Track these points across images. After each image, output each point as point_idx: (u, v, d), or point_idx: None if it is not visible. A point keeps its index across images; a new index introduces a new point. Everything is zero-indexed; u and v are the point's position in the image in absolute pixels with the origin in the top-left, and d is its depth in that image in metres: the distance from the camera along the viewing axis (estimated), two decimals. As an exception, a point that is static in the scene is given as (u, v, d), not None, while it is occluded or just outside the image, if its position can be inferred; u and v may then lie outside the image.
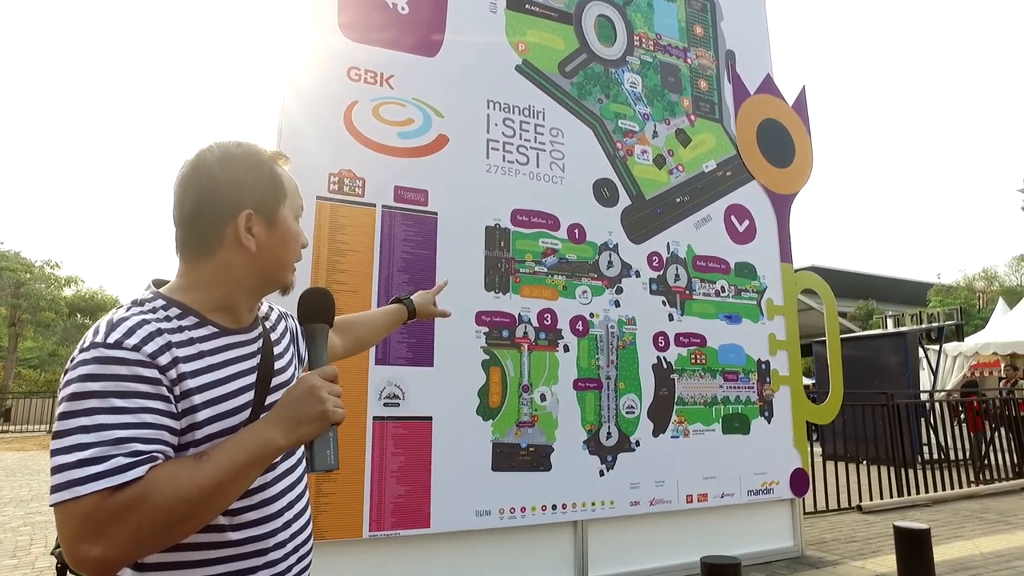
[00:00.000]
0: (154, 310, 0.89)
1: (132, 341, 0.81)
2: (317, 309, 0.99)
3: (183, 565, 0.84)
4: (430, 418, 3.26)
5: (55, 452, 0.76)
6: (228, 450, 0.81)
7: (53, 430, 0.78)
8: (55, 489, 0.74)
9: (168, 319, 0.88)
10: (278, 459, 0.97)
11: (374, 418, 3.14)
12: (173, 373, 0.83)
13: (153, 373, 0.81)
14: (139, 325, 0.84)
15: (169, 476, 0.76)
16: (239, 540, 0.88)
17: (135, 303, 0.90)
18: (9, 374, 23.69)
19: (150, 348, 0.82)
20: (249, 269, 0.95)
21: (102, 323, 0.85)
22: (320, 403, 0.85)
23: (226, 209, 0.93)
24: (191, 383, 0.85)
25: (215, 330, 0.93)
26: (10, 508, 6.70)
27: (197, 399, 0.85)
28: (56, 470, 0.74)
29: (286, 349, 1.08)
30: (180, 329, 0.88)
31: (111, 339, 0.81)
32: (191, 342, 0.88)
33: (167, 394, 0.82)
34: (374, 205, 3.33)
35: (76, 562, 0.73)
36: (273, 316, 1.11)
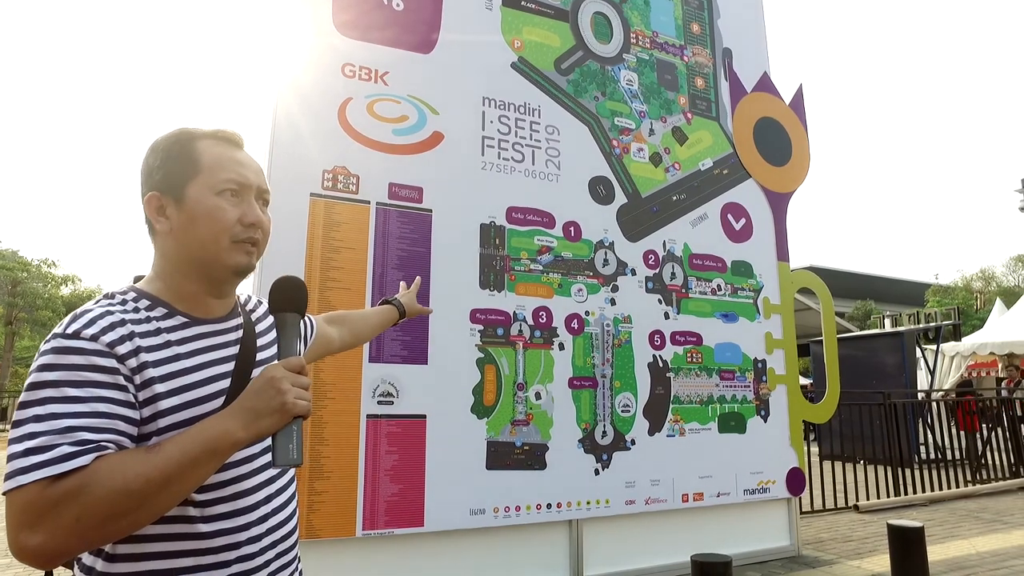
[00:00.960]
0: (123, 302, 0.89)
1: (91, 331, 0.81)
2: (287, 298, 0.96)
3: (153, 556, 0.83)
4: (424, 416, 3.24)
5: (10, 442, 0.75)
6: (181, 442, 0.78)
7: (12, 420, 0.77)
8: (5, 478, 0.73)
9: (136, 311, 0.89)
10: (256, 452, 0.95)
11: (368, 416, 3.12)
12: (133, 362, 0.83)
13: (110, 362, 0.80)
14: (101, 316, 0.84)
15: (115, 466, 0.74)
16: (210, 532, 0.86)
17: (106, 296, 0.91)
18: (5, 373, 23.64)
19: (108, 338, 0.82)
20: (178, 252, 0.93)
21: (68, 317, 0.85)
22: (280, 395, 0.82)
23: (142, 195, 0.95)
24: (154, 372, 0.84)
25: (184, 320, 0.93)
26: (2, 507, 6.67)
27: (160, 388, 0.84)
28: (8, 459, 0.74)
29: (274, 341, 1.07)
30: (148, 320, 0.89)
31: (70, 330, 0.81)
32: (158, 332, 0.88)
33: (124, 383, 0.81)
34: (368, 202, 3.31)
35: (16, 551, 0.71)
36: (260, 311, 1.10)
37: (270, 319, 1.11)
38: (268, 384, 0.83)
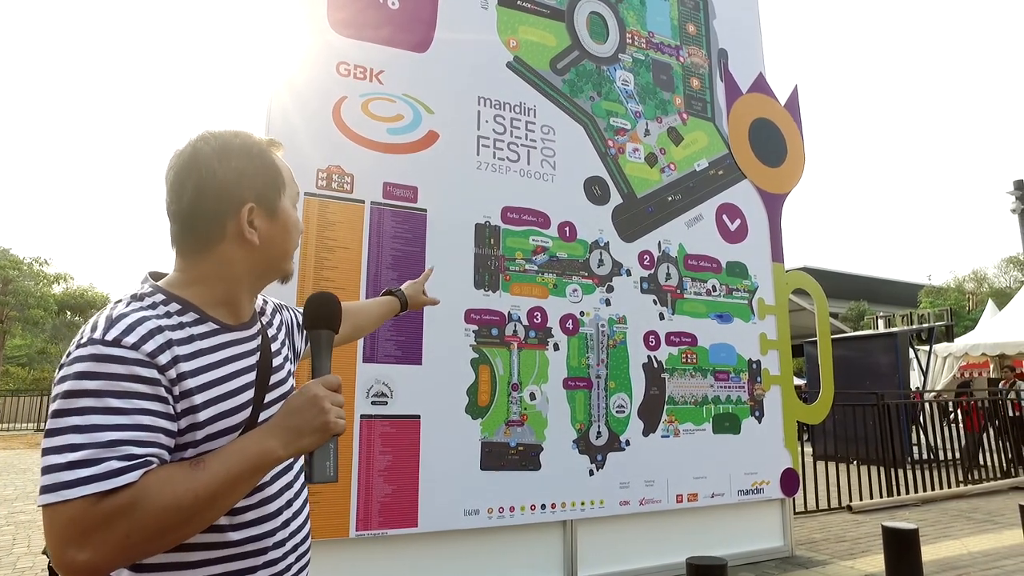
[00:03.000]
0: (154, 305, 0.86)
1: (131, 339, 0.78)
2: (322, 315, 0.95)
3: (184, 566, 0.83)
4: (418, 417, 3.23)
5: (46, 451, 0.73)
6: (225, 458, 0.78)
7: (46, 428, 0.74)
8: (44, 490, 0.71)
9: (168, 315, 0.85)
10: None
11: (362, 416, 3.10)
12: (172, 373, 0.81)
13: (151, 373, 0.78)
14: (139, 322, 0.81)
15: (163, 482, 0.74)
16: (239, 540, 0.86)
17: (135, 298, 0.87)
18: (-3, 372, 23.43)
19: (149, 347, 0.79)
20: (252, 262, 0.93)
21: (100, 318, 0.81)
22: (322, 414, 0.82)
23: (227, 203, 0.90)
24: (191, 383, 0.83)
25: (215, 327, 0.90)
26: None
27: (198, 399, 0.82)
28: (46, 470, 0.71)
29: (283, 345, 1.07)
30: (180, 326, 0.86)
31: (109, 336, 0.78)
32: (191, 339, 0.86)
33: (165, 395, 0.79)
34: (363, 201, 3.30)
35: (62, 566, 0.70)
36: (268, 310, 1.09)
37: (277, 319, 1.10)
38: (310, 403, 0.83)
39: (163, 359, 0.80)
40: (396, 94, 3.48)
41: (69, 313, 28.88)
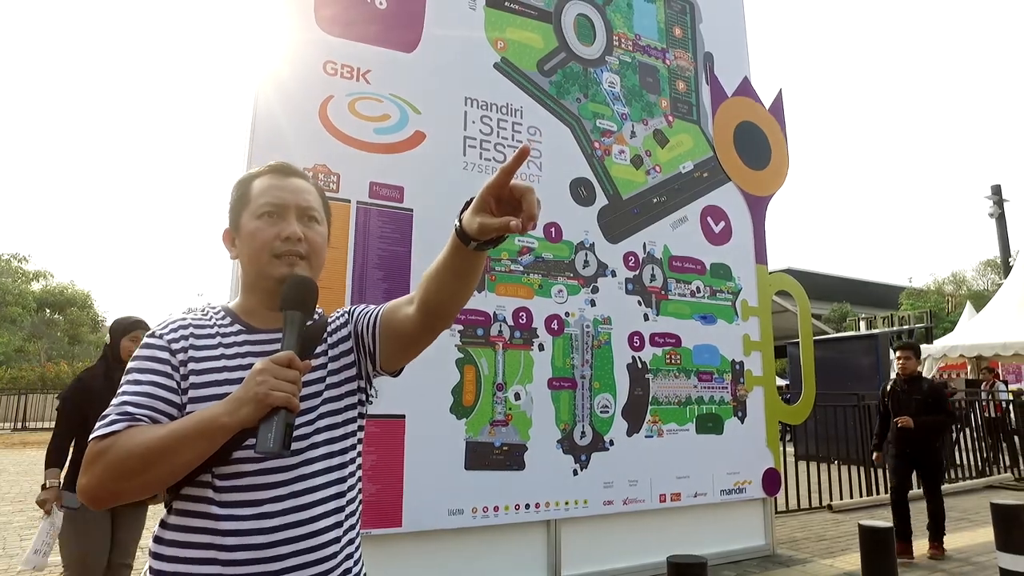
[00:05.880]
0: (204, 312, 1.12)
1: (161, 331, 1.05)
2: (293, 297, 1.03)
3: (184, 528, 0.97)
4: (403, 416, 3.23)
5: None
6: (180, 422, 0.93)
7: None
8: None
9: (210, 318, 1.09)
10: (287, 454, 0.97)
11: (346, 416, 3.09)
12: (183, 355, 1.02)
13: (165, 355, 1.01)
14: (174, 321, 1.07)
15: (134, 435, 0.90)
16: (221, 516, 0.95)
17: (194, 308, 1.18)
18: (-26, 370, 22.98)
19: (170, 336, 1.04)
20: (243, 273, 1.13)
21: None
22: (257, 385, 0.90)
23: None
24: (195, 366, 1.01)
25: (240, 328, 1.08)
26: None
27: (196, 379, 1.00)
28: None
29: (329, 355, 1.09)
30: (212, 325, 1.07)
31: (152, 330, 1.06)
32: (215, 335, 1.06)
33: (171, 371, 1.00)
34: (349, 201, 3.29)
35: (77, 488, 0.94)
36: (343, 332, 1.14)
37: (341, 333, 1.14)
38: (251, 376, 0.92)
39: (177, 345, 1.03)
40: (383, 94, 3.48)
41: (48, 311, 28.40)
